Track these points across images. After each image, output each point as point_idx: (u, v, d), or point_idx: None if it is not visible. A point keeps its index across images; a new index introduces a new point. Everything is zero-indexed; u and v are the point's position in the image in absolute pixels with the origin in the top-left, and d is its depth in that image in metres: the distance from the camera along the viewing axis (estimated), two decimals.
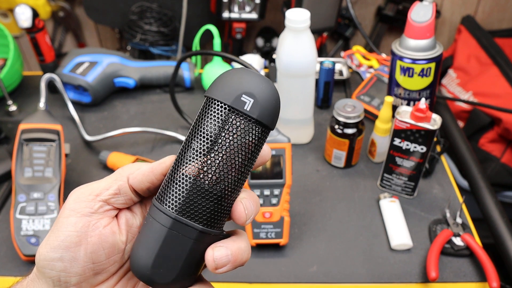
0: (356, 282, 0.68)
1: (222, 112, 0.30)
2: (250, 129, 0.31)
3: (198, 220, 0.31)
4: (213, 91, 0.31)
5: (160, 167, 0.33)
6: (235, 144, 0.31)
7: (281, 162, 0.68)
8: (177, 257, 0.31)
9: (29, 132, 0.75)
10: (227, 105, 0.30)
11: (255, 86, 0.31)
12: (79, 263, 0.31)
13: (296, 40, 0.78)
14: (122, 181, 0.33)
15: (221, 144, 0.30)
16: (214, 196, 0.31)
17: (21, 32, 1.62)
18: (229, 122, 0.30)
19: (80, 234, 0.31)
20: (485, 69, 1.35)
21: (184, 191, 0.31)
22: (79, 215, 0.32)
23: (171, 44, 1.37)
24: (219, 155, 0.31)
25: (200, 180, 0.31)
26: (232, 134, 0.30)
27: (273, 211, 0.69)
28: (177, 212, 0.31)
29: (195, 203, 0.31)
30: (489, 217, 0.75)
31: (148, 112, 1.02)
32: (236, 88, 0.31)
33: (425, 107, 0.70)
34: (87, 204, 0.32)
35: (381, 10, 1.58)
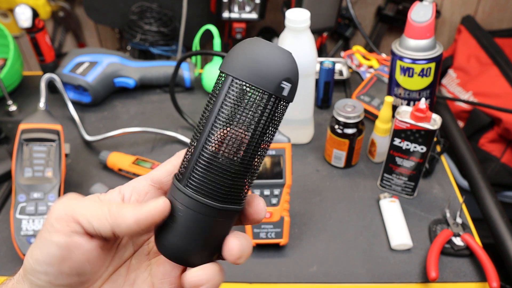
0: (356, 282, 0.68)
1: (264, 99, 0.30)
2: (282, 109, 0.31)
3: (235, 202, 0.32)
4: (245, 73, 0.29)
5: (147, 221, 0.31)
6: (270, 124, 0.31)
7: (281, 162, 0.68)
8: (219, 238, 0.32)
9: (29, 132, 0.75)
10: (268, 93, 0.30)
11: (290, 68, 0.30)
12: (64, 276, 0.31)
13: (296, 40, 0.78)
14: (105, 226, 0.31)
15: (256, 127, 0.30)
16: (246, 174, 0.32)
17: (21, 32, 1.62)
18: (267, 107, 0.30)
19: (63, 252, 0.30)
20: (485, 69, 1.35)
21: (229, 181, 0.31)
22: (60, 234, 0.31)
23: (171, 44, 1.37)
24: (255, 136, 0.31)
25: (241, 164, 0.31)
26: (266, 116, 0.30)
27: (273, 211, 0.69)
28: (219, 201, 0.31)
29: (234, 187, 0.31)
30: (489, 217, 0.75)
31: (148, 112, 1.02)
32: (275, 73, 0.29)
33: (425, 107, 0.70)
34: (68, 223, 0.31)
35: (381, 10, 1.58)
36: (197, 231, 0.32)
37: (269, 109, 0.30)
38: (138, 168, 0.83)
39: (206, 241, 0.32)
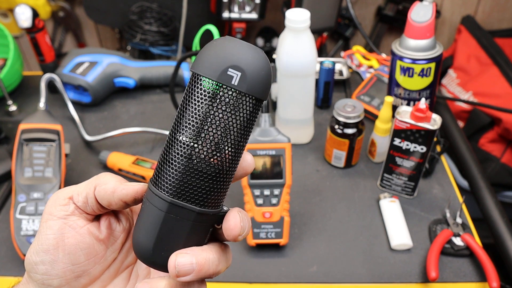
0: (356, 282, 0.68)
1: (209, 89, 0.29)
2: (240, 103, 0.29)
3: (194, 202, 0.31)
4: (197, 65, 0.29)
5: (121, 192, 0.32)
6: (226, 120, 0.29)
7: (281, 162, 0.68)
8: (177, 239, 0.31)
9: (29, 132, 0.75)
10: (214, 81, 0.29)
11: (241, 57, 0.29)
12: (58, 264, 0.32)
13: (296, 40, 0.78)
14: (89, 190, 0.33)
15: (211, 121, 0.29)
16: (209, 176, 0.30)
17: (21, 32, 1.61)
18: (217, 98, 0.29)
19: (57, 237, 0.32)
20: (485, 69, 1.35)
21: (178, 173, 0.30)
22: (55, 218, 0.32)
23: (171, 44, 1.37)
24: (211, 132, 0.29)
25: (193, 161, 0.30)
26: (221, 110, 0.29)
27: (273, 211, 0.69)
28: (172, 195, 0.30)
29: (190, 184, 0.30)
30: (489, 217, 0.75)
31: (148, 112, 1.02)
32: (222, 61, 0.29)
33: (425, 107, 0.70)
34: (62, 207, 0.33)
35: (381, 10, 1.58)
36: (161, 229, 0.31)
37: (218, 100, 0.29)
38: (138, 168, 0.83)
39: (173, 242, 0.31)
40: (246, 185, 0.68)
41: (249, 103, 0.30)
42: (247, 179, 0.68)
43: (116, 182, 0.33)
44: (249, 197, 0.69)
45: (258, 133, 0.67)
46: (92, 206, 0.33)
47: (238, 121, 0.30)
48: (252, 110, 0.30)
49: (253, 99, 0.30)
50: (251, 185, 0.68)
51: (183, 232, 0.31)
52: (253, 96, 0.30)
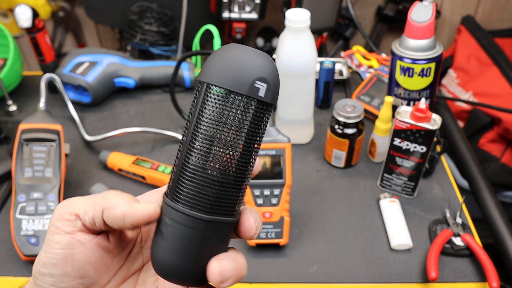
0: (356, 282, 0.68)
1: (240, 102, 0.29)
2: (263, 112, 0.30)
3: (226, 214, 0.31)
4: (218, 77, 0.29)
5: (132, 219, 0.31)
6: (251, 129, 0.30)
7: (281, 162, 0.68)
8: (211, 251, 0.31)
9: (29, 132, 0.75)
10: (243, 95, 0.29)
11: (264, 68, 0.29)
12: (68, 278, 0.32)
13: (296, 40, 0.78)
14: (97, 212, 0.32)
15: (241, 131, 0.29)
16: (236, 187, 0.30)
17: (21, 32, 1.61)
18: (246, 110, 0.29)
19: (65, 252, 0.31)
20: (485, 69, 1.35)
21: (214, 193, 0.30)
22: (62, 233, 0.31)
23: (171, 44, 1.37)
24: (239, 141, 0.29)
25: (229, 177, 0.30)
26: (249, 121, 0.29)
27: (273, 211, 0.69)
28: (209, 213, 0.30)
29: (223, 199, 0.30)
30: (489, 217, 0.75)
31: (148, 112, 1.02)
32: (248, 74, 0.29)
33: (425, 107, 0.70)
34: (69, 222, 0.32)
35: (381, 10, 1.58)
36: (185, 245, 0.30)
37: (243, 111, 0.29)
38: (138, 168, 0.83)
39: (197, 257, 0.31)
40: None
41: (269, 111, 0.31)
42: None
43: (125, 205, 0.31)
44: (249, 197, 0.69)
45: None
46: (100, 226, 0.32)
47: (259, 128, 0.30)
48: (269, 116, 0.31)
49: (271, 107, 0.31)
50: (251, 185, 0.68)
51: (217, 243, 0.31)
52: (273, 105, 0.30)
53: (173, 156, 0.90)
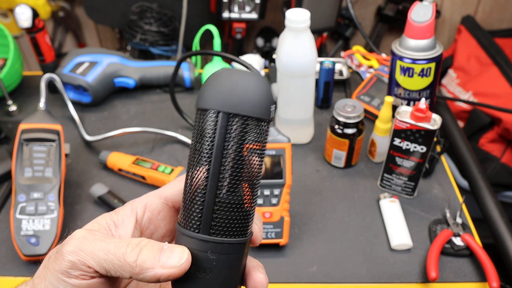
0: (356, 282, 0.68)
1: (263, 126, 0.30)
2: (267, 130, 0.31)
3: (246, 232, 0.31)
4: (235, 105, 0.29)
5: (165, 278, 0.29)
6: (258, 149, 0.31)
7: (281, 162, 0.68)
8: (239, 273, 0.32)
9: (29, 132, 0.75)
10: (265, 121, 0.30)
11: (269, 91, 0.31)
12: None
13: (296, 40, 0.78)
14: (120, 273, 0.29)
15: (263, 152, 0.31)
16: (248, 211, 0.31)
17: (21, 32, 1.61)
18: (262, 130, 0.30)
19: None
20: (485, 69, 1.35)
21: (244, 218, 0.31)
22: (73, 277, 0.30)
23: (171, 44, 1.37)
24: (262, 164, 0.31)
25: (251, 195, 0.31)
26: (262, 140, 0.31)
27: (273, 211, 0.69)
28: (232, 236, 0.30)
29: (249, 221, 0.31)
30: (489, 217, 0.75)
31: (148, 112, 1.02)
32: (264, 100, 0.30)
33: (425, 107, 0.70)
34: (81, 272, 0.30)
35: (381, 10, 1.58)
36: (234, 272, 0.31)
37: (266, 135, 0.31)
38: (138, 168, 0.83)
39: (240, 277, 0.32)
40: None
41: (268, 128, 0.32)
42: None
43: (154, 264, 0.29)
44: None
45: None
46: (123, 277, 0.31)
47: (264, 147, 0.31)
48: None
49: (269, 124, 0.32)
50: None
51: (245, 259, 0.33)
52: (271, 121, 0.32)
53: (173, 156, 0.90)
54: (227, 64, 1.06)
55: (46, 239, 0.69)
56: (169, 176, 0.80)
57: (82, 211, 0.79)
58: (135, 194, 0.83)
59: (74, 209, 0.80)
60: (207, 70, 1.04)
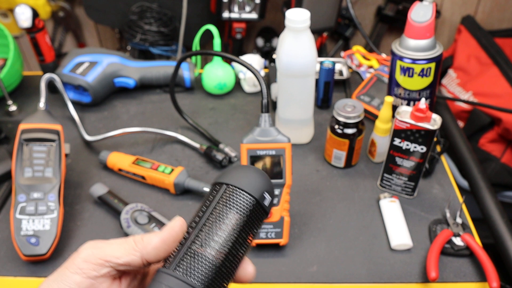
0: (356, 282, 0.68)
1: (248, 202, 0.36)
2: (260, 217, 0.38)
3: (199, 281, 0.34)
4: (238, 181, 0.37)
5: (171, 237, 0.34)
6: (254, 226, 0.37)
7: (281, 162, 0.68)
8: None
9: (29, 132, 0.75)
10: (254, 198, 0.37)
11: (270, 186, 0.38)
12: None
13: (296, 40, 0.78)
14: (135, 255, 0.34)
15: (245, 228, 0.36)
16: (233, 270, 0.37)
17: (21, 32, 1.62)
18: (251, 211, 0.37)
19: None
20: (485, 69, 1.35)
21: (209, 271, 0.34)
22: (84, 276, 0.33)
23: (171, 44, 1.37)
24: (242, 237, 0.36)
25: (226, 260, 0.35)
26: (251, 220, 0.37)
27: (273, 211, 0.69)
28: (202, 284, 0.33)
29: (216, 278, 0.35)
30: (489, 217, 0.75)
31: (148, 112, 1.02)
32: (261, 185, 0.37)
33: (425, 107, 0.70)
34: (95, 267, 0.33)
35: (381, 10, 1.58)
36: None
37: (250, 210, 0.36)
38: (138, 168, 0.83)
39: None
40: None
41: (261, 218, 0.38)
42: None
43: (156, 234, 0.34)
44: None
45: (258, 133, 0.67)
46: (135, 268, 0.34)
47: (252, 232, 0.37)
48: (259, 224, 0.38)
49: (265, 215, 0.38)
50: None
51: None
52: (266, 215, 0.38)
53: (173, 156, 0.90)
54: (227, 64, 1.06)
55: (46, 239, 0.69)
56: (169, 176, 0.80)
57: (82, 211, 0.79)
58: (135, 194, 0.83)
59: (74, 209, 0.80)
60: (207, 70, 1.04)
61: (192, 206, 0.80)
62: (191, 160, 0.89)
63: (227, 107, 1.03)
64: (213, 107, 1.03)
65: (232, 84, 1.06)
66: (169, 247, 0.34)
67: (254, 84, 1.06)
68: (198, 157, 0.90)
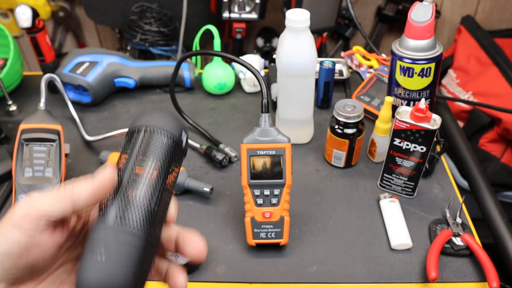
0: (356, 282, 0.68)
1: (170, 140, 0.38)
2: (179, 152, 0.40)
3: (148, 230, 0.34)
4: (156, 122, 0.38)
5: (101, 187, 0.34)
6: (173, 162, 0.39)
7: (281, 162, 0.68)
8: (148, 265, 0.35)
9: (29, 132, 0.75)
10: (174, 137, 0.38)
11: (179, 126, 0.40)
12: (18, 271, 0.33)
13: (296, 40, 0.78)
14: (66, 206, 0.33)
15: (167, 165, 0.38)
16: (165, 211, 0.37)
17: (21, 32, 1.62)
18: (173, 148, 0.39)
19: (22, 248, 0.32)
20: (485, 69, 1.35)
21: (144, 215, 0.34)
22: (23, 231, 0.32)
23: (171, 44, 1.37)
24: (165, 174, 0.38)
25: None
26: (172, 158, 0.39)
27: (273, 211, 0.69)
28: (140, 230, 0.34)
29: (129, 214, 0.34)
30: (489, 217, 0.75)
31: None
32: (178, 125, 0.39)
33: (425, 107, 0.70)
34: (32, 222, 0.32)
35: (381, 10, 1.58)
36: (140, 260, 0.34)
37: (171, 148, 0.38)
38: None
39: (146, 270, 0.35)
40: (246, 185, 0.68)
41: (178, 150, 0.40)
42: (247, 179, 0.68)
43: (85, 184, 0.34)
44: (249, 197, 0.69)
45: (258, 133, 0.67)
46: (67, 217, 0.35)
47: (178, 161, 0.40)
48: None
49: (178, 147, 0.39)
50: (251, 185, 0.68)
51: (151, 258, 0.36)
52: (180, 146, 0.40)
53: None
54: (227, 64, 1.06)
55: None
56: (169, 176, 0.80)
57: None
58: None
59: None
60: (207, 70, 1.04)
61: (192, 206, 0.80)
62: (191, 160, 0.89)
63: (227, 107, 1.03)
64: (213, 107, 1.03)
65: (232, 84, 1.06)
66: (99, 197, 0.34)
67: (254, 84, 1.06)
68: (198, 157, 0.90)
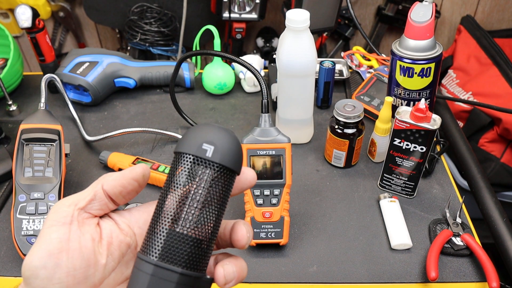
0: (356, 282, 0.68)
1: (188, 162, 0.33)
2: (216, 174, 0.33)
3: (177, 263, 0.32)
4: (179, 146, 0.34)
5: (130, 173, 0.36)
6: (205, 191, 0.33)
7: (281, 162, 0.68)
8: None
9: (29, 132, 0.75)
10: (191, 155, 0.33)
11: (214, 135, 0.34)
12: (62, 269, 0.32)
13: (296, 40, 0.78)
14: (97, 187, 0.36)
15: (192, 193, 0.33)
16: (192, 241, 0.33)
17: (22, 32, 1.62)
18: (196, 170, 0.33)
19: (61, 241, 0.32)
20: (485, 69, 1.36)
21: (162, 239, 0.33)
22: (59, 224, 0.33)
23: (171, 44, 1.37)
24: (192, 203, 0.33)
25: (177, 229, 0.33)
26: (201, 180, 0.33)
27: (273, 211, 0.69)
28: (157, 258, 0.32)
29: (174, 248, 0.33)
30: (489, 217, 0.75)
31: (148, 112, 1.02)
32: (198, 139, 0.33)
33: (425, 107, 0.70)
34: (66, 213, 0.34)
35: (381, 10, 1.58)
36: None
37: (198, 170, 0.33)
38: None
39: None
40: None
41: (223, 174, 0.34)
42: None
43: (119, 173, 0.36)
44: (249, 197, 0.69)
45: (258, 133, 0.67)
46: (100, 202, 0.35)
47: (215, 191, 0.33)
48: (226, 179, 0.34)
49: (226, 169, 0.34)
50: None
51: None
52: (225, 166, 0.33)
53: (173, 156, 0.90)
54: (227, 64, 1.06)
55: None
56: None
57: None
58: None
59: None
60: (207, 70, 1.04)
61: None
62: None
63: (227, 107, 1.03)
64: (213, 107, 1.03)
65: (232, 84, 1.06)
66: (127, 182, 0.36)
67: (254, 84, 1.06)
68: None
